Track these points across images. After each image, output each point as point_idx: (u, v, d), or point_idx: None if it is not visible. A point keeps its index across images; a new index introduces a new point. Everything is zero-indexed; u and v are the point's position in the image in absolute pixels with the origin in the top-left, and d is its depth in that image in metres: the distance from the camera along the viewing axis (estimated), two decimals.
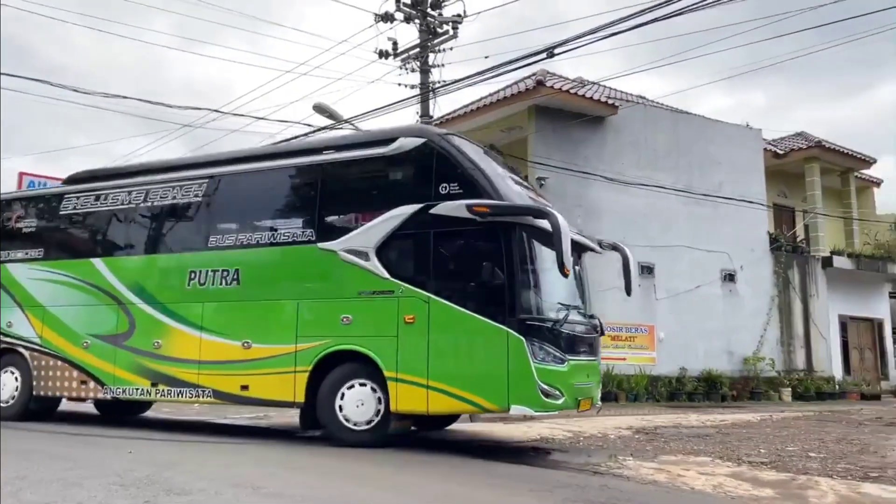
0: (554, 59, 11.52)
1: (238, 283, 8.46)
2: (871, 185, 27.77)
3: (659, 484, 6.10)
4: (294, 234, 8.29)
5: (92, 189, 9.97)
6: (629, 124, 19.11)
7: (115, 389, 9.03)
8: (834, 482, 6.35)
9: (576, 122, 18.13)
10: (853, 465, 7.33)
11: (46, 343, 9.61)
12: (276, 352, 8.03)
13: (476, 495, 5.46)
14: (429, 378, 7.25)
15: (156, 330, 8.82)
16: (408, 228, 7.63)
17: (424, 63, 15.45)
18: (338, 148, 8.63)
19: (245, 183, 9.04)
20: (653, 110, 20.32)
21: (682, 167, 19.60)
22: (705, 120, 21.09)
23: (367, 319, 7.67)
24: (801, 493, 5.87)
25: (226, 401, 8.44)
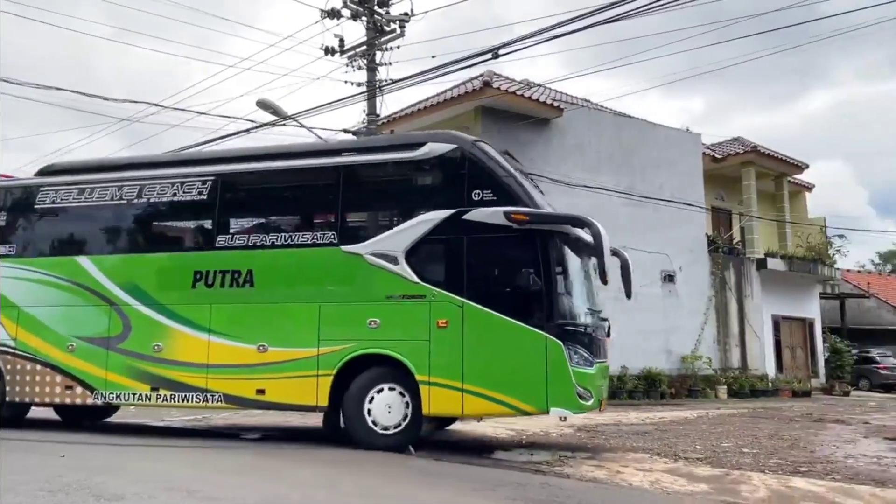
0: (499, 60, 11.61)
1: (252, 285, 8.19)
2: (803, 190, 28.82)
3: (598, 481, 6.20)
4: (315, 237, 8.13)
5: (73, 183, 9.28)
6: (574, 127, 19.37)
7: (107, 395, 8.49)
8: (765, 477, 6.57)
9: (522, 123, 18.27)
10: (784, 460, 7.59)
11: (23, 346, 8.88)
12: (295, 355, 7.87)
13: (418, 495, 5.44)
14: (464, 381, 7.31)
15: (156, 332, 8.40)
16: (439, 233, 7.66)
17: (371, 61, 15.35)
18: (360, 150, 8.52)
19: (257, 182, 8.80)
20: (597, 113, 20.64)
21: (624, 170, 19.96)
22: (647, 124, 21.54)
23: (395, 323, 7.63)
24: (734, 487, 6.04)
25: (238, 405, 8.23)
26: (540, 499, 5.26)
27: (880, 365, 27.14)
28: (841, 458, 7.96)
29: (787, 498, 5.63)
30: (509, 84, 18.21)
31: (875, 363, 27.20)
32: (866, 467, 7.28)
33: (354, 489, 5.61)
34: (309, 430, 9.95)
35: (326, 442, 8.26)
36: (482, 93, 17.23)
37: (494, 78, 17.94)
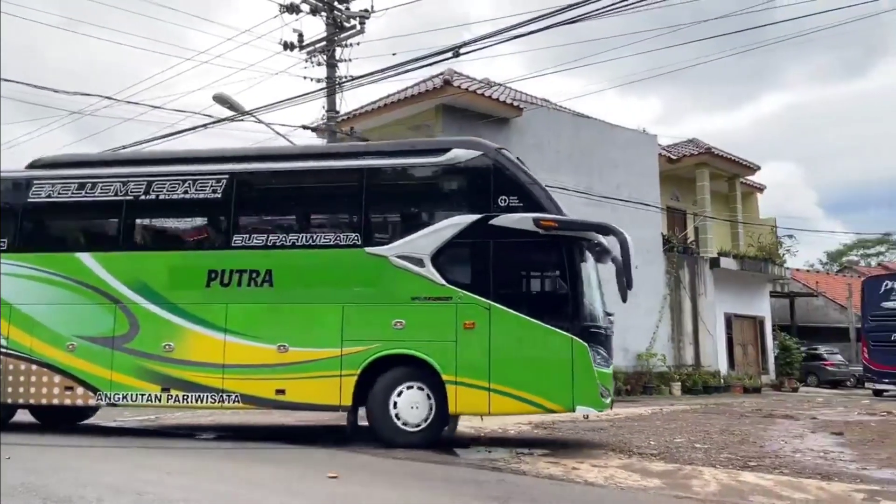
0: (460, 59, 11.62)
1: (271, 285, 8.14)
2: (755, 191, 29.56)
3: (554, 477, 6.26)
4: (337, 238, 8.16)
5: (72, 177, 8.90)
6: (533, 126, 19.51)
7: (113, 396, 8.25)
8: (716, 471, 6.72)
9: (482, 122, 18.34)
10: (734, 455, 7.77)
11: (15, 345, 8.48)
12: (318, 355, 7.91)
13: (374, 494, 5.43)
14: (490, 381, 7.56)
15: (166, 331, 8.24)
16: (465, 237, 7.85)
17: (331, 57, 15.25)
18: (383, 154, 8.60)
19: (276, 182, 8.72)
20: (556, 113, 20.83)
21: (583, 169, 20.19)
22: (605, 124, 21.83)
23: (421, 324, 7.79)
24: (685, 482, 6.17)
25: (257, 405, 8.19)
26: (496, 496, 5.29)
27: (827, 362, 28.00)
28: (789, 452, 8.19)
29: (737, 492, 5.77)
30: (470, 83, 18.26)
31: (822, 360, 28.05)
32: (813, 461, 7.50)
33: (310, 489, 5.57)
34: (265, 428, 9.84)
35: (284, 441, 8.20)
36: (443, 91, 17.24)
37: (455, 76, 17.97)
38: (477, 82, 18.69)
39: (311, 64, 15.53)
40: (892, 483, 6.33)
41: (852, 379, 26.93)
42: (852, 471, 6.95)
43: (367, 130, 17.73)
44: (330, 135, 15.40)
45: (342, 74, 15.19)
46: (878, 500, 5.49)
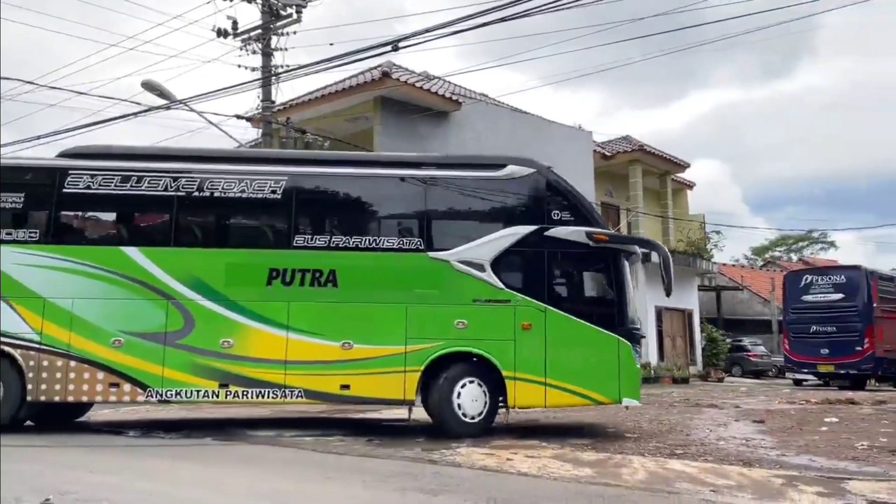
0: (399, 52, 11.55)
1: (335, 285, 8.42)
2: (685, 188, 30.48)
3: (488, 468, 6.33)
4: (401, 242, 8.62)
5: (114, 169, 8.60)
6: (472, 121, 19.60)
7: (165, 392, 8.15)
8: (645, 460, 6.91)
9: (421, 115, 18.32)
10: (662, 444, 8.01)
11: (50, 340, 8.17)
12: (382, 352, 8.30)
13: (308, 490, 5.38)
14: (546, 376, 8.33)
15: (224, 328, 8.27)
16: (522, 246, 8.62)
17: (267, 46, 14.94)
18: (440, 165, 9.12)
19: (339, 186, 8.99)
20: (494, 109, 20.98)
21: None
22: (542, 120, 22.11)
23: (481, 324, 8.43)
24: (615, 470, 6.32)
25: (320, 400, 8.54)
26: (431, 488, 5.32)
27: (751, 353, 29.12)
28: (714, 440, 8.49)
29: (664, 479, 5.95)
30: (409, 76, 18.21)
31: (746, 351, 29.16)
32: (736, 449, 7.79)
33: (235, 485, 5.48)
34: (194, 423, 9.60)
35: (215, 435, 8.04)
36: (381, 83, 17.14)
37: (394, 69, 17.88)
38: (416, 75, 18.66)
39: (246, 52, 15.21)
40: (810, 468, 6.64)
41: (774, 369, 28.09)
42: (772, 457, 7.26)
43: (303, 121, 17.47)
44: (265, 125, 15.10)
45: (278, 64, 14.91)
46: (797, 484, 5.74)
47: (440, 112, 18.82)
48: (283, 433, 8.40)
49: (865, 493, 5.42)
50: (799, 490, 5.52)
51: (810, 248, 54.95)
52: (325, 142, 17.16)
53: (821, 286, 20.10)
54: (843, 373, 19.25)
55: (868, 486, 5.69)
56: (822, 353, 19.58)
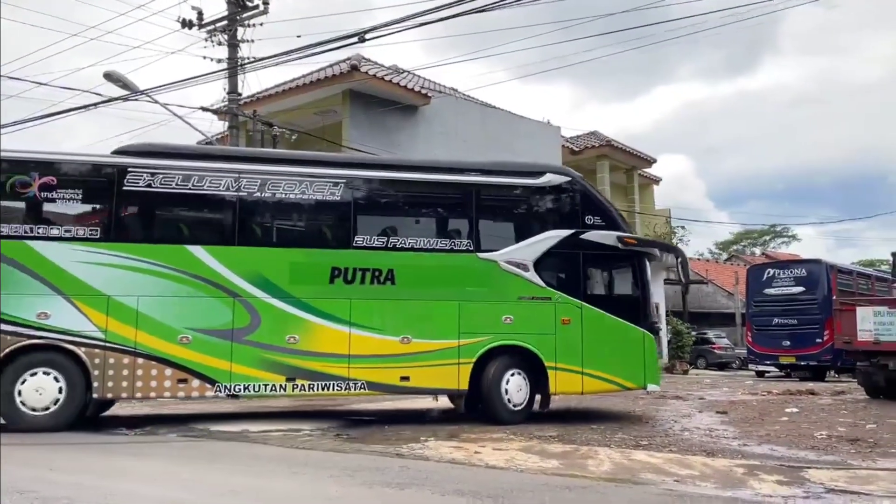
0: (366, 44, 11.47)
1: (393, 283, 8.91)
2: (652, 183, 30.85)
3: (456, 462, 6.34)
4: (452, 243, 9.19)
5: (175, 168, 8.62)
6: (441, 115, 19.59)
7: (233, 387, 8.35)
8: (611, 451, 6.99)
9: (390, 109, 18.25)
10: (628, 435, 8.11)
11: (116, 338, 8.14)
12: (437, 346, 8.94)
13: (274, 485, 5.33)
14: (583, 366, 9.25)
15: (290, 325, 8.59)
16: (561, 248, 9.44)
17: (233, 37, 14.73)
18: (484, 172, 9.69)
19: (394, 189, 9.44)
20: (464, 103, 20.97)
21: (489, 158, 20.42)
22: (511, 115, 22.17)
23: (526, 320, 9.21)
24: (582, 462, 6.39)
25: (382, 391, 9.00)
26: (398, 482, 5.31)
27: (715, 345, 29.59)
28: (678, 431, 8.62)
29: (629, 470, 6.02)
30: (378, 69, 18.11)
31: (711, 344, 29.62)
32: (700, 439, 7.93)
33: (202, 482, 5.42)
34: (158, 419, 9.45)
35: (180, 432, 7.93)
36: (350, 76, 17.03)
37: (363, 62, 17.77)
38: (385, 69, 18.57)
39: (212, 44, 14.96)
40: (770, 458, 6.78)
41: (737, 361, 28.57)
42: (734, 447, 7.40)
43: (271, 114, 17.29)
44: (231, 117, 14.90)
45: (244, 55, 14.71)
46: (758, 473, 5.86)
47: (409, 106, 18.78)
48: (248, 429, 8.32)
49: (824, 481, 5.55)
50: (760, 479, 5.63)
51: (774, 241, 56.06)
52: (292, 135, 17.00)
53: (782, 280, 20.49)
54: (804, 364, 19.67)
55: (827, 475, 5.83)
56: (783, 345, 19.98)
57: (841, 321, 12.97)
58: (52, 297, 8.05)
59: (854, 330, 12.44)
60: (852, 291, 18.33)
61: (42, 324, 7.99)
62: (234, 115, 14.98)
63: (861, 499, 4.97)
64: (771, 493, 5.13)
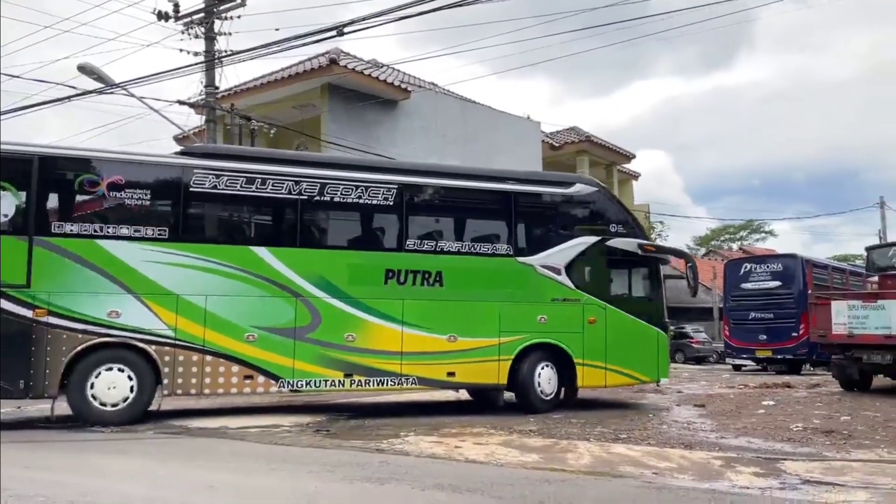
0: (344, 38, 11.40)
1: (441, 285, 9.48)
2: (631, 178, 31.04)
3: (437, 456, 6.34)
4: (494, 248, 9.86)
5: (239, 171, 8.80)
6: (421, 109, 19.54)
7: (295, 383, 8.77)
8: (590, 445, 7.03)
9: (369, 103, 18.16)
10: (607, 429, 8.16)
11: (185, 336, 8.34)
12: (480, 344, 9.60)
13: (254, 482, 5.29)
14: (607, 362, 10.10)
15: (348, 323, 9.02)
16: (588, 253, 10.26)
17: (210, 29, 14.54)
18: (520, 180, 10.29)
19: (441, 196, 9.95)
20: (443, 97, 20.93)
21: (469, 153, 20.43)
22: (491, 110, 22.17)
23: (557, 319, 9.98)
24: (561, 455, 6.41)
25: (431, 386, 9.69)
26: (379, 477, 5.30)
27: (693, 339, 29.83)
28: (656, 424, 8.69)
29: (608, 463, 6.06)
30: (357, 63, 18.02)
31: (689, 338, 29.86)
32: (678, 433, 7.99)
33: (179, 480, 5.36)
34: None
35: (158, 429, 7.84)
36: (329, 70, 16.93)
37: (342, 56, 17.67)
38: (364, 63, 18.48)
39: (189, 36, 14.76)
40: (747, 450, 6.86)
41: (715, 355, 28.83)
42: (712, 440, 7.47)
43: (249, 108, 17.14)
44: (208, 111, 14.74)
45: (222, 48, 14.54)
46: (735, 466, 5.92)
47: (389, 100, 18.71)
48: (227, 426, 8.24)
49: (800, 473, 5.62)
50: (737, 471, 5.69)
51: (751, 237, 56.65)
52: (271, 129, 16.87)
53: (759, 274, 20.70)
54: (780, 358, 19.91)
55: (802, 466, 5.91)
56: (760, 338, 20.20)
57: (816, 315, 13.14)
58: (122, 296, 8.16)
59: (829, 323, 12.61)
60: (827, 286, 18.57)
61: (113, 322, 8.11)
62: (212, 109, 14.81)
63: (836, 489, 5.04)
64: (748, 485, 5.18)
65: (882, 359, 12.01)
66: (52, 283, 7.93)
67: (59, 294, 7.94)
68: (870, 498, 4.77)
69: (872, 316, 12.07)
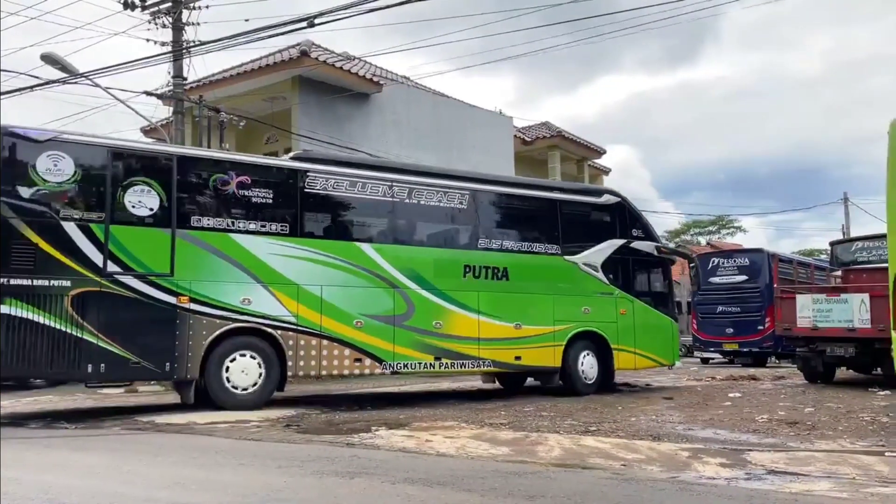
0: (316, 29, 11.26)
1: (507, 279, 10.90)
2: (601, 174, 31.23)
3: (408, 450, 6.32)
4: (546, 248, 11.42)
5: (343, 175, 9.94)
6: (393, 103, 19.44)
7: (395, 365, 9.89)
8: (560, 437, 7.07)
9: (341, 96, 18.03)
10: (577, 422, 8.22)
11: (305, 322, 9.31)
12: (540, 331, 11.07)
13: (222, 477, 5.22)
14: (635, 347, 11.88)
15: (436, 312, 10.24)
16: (618, 254, 12.00)
17: (177, 19, 14.31)
18: (564, 190, 12.37)
19: (507, 201, 11.48)
20: (416, 91, 20.85)
21: (442, 148, 20.39)
22: (463, 104, 22.15)
23: (597, 311, 11.65)
24: (532, 448, 6.44)
25: (502, 369, 11.02)
26: (348, 471, 5.26)
27: None
28: (626, 416, 8.77)
29: (578, 455, 6.09)
30: (328, 55, 17.86)
31: None
32: (646, 425, 8.07)
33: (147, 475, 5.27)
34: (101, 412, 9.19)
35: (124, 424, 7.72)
36: (300, 62, 16.76)
37: (313, 48, 17.49)
38: (336, 55, 18.33)
39: (156, 26, 14.51)
40: (714, 441, 6.95)
41: (683, 348, 29.22)
42: (679, 431, 7.56)
43: (218, 100, 16.90)
44: (176, 103, 14.50)
45: (190, 39, 14.30)
46: (702, 457, 5.99)
47: (361, 93, 18.58)
48: (195, 421, 8.14)
49: (765, 464, 5.70)
50: (704, 462, 5.76)
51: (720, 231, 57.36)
52: (240, 121, 16.66)
53: (726, 268, 20.99)
54: (747, 351, 20.25)
55: (767, 457, 6.00)
56: (727, 332, 20.51)
57: (781, 308, 13.38)
58: (252, 285, 9.02)
59: (794, 317, 12.85)
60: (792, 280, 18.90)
61: (245, 308, 8.95)
62: (179, 101, 14.58)
63: (800, 479, 5.13)
64: (714, 476, 5.25)
65: (845, 351, 12.28)
66: (192, 273, 8.68)
67: (199, 282, 8.70)
68: (833, 487, 4.86)
69: (836, 309, 12.32)
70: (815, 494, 4.65)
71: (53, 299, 7.95)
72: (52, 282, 7.96)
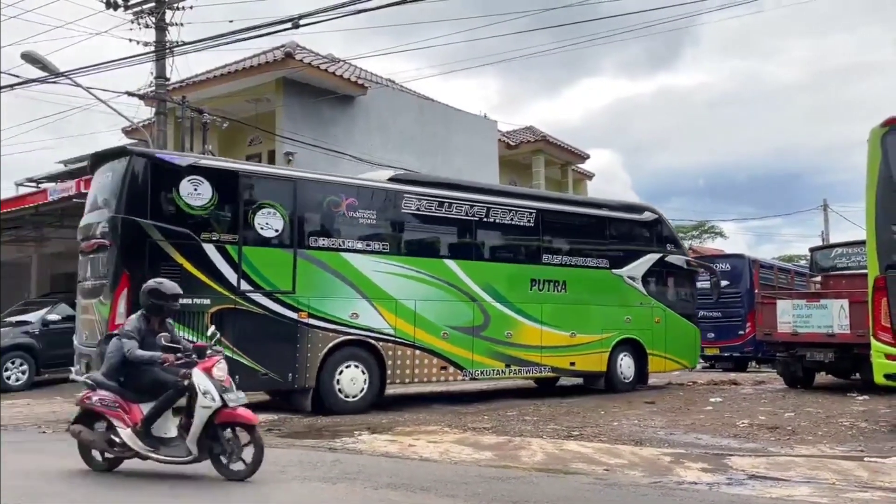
0: (301, 31, 11.22)
1: (565, 291, 11.73)
2: (585, 178, 31.36)
3: (390, 455, 6.31)
4: (597, 262, 12.31)
5: (432, 196, 10.58)
6: (378, 106, 19.38)
7: (474, 372, 10.66)
8: (543, 442, 7.08)
9: (326, 99, 17.95)
10: (560, 426, 8.23)
11: (401, 334, 9.92)
12: (591, 339, 11.95)
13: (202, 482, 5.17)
14: (665, 352, 12.97)
15: (507, 323, 10.99)
16: (655, 267, 13.05)
17: (161, 19, 14.16)
18: (611, 207, 13.16)
19: (564, 219, 12.28)
20: (401, 94, 20.80)
21: (427, 151, 20.35)
22: (448, 108, 22.13)
23: (637, 319, 12.65)
24: (515, 453, 6.44)
25: (559, 374, 12.08)
26: (331, 476, 5.24)
27: None
28: (608, 421, 8.80)
29: (560, 460, 6.10)
30: (313, 57, 17.78)
31: None
32: (629, 429, 8.10)
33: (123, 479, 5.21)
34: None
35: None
36: (284, 64, 16.66)
37: (298, 49, 17.41)
38: (320, 57, 18.25)
39: (139, 26, 14.34)
40: (695, 446, 6.99)
41: None
42: (661, 436, 7.60)
43: (201, 101, 16.74)
44: (158, 103, 14.37)
45: (173, 39, 14.18)
46: (683, 461, 6.03)
47: (346, 96, 18.51)
48: None
49: (746, 468, 5.75)
50: (685, 467, 5.79)
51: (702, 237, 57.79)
52: (224, 123, 16.54)
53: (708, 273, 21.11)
54: (728, 355, 20.34)
55: (748, 462, 6.04)
56: (708, 336, 20.60)
57: (762, 314, 13.47)
58: (359, 300, 9.63)
59: (774, 322, 12.93)
60: (773, 285, 19.05)
61: (353, 322, 9.55)
62: (162, 101, 14.44)
63: (780, 484, 5.17)
64: (696, 480, 5.28)
65: (824, 357, 12.36)
66: (310, 289, 9.28)
67: (316, 298, 9.30)
68: (812, 492, 4.90)
69: (815, 315, 12.41)
70: (796, 499, 4.68)
71: (195, 317, 8.41)
72: (194, 300, 8.33)
